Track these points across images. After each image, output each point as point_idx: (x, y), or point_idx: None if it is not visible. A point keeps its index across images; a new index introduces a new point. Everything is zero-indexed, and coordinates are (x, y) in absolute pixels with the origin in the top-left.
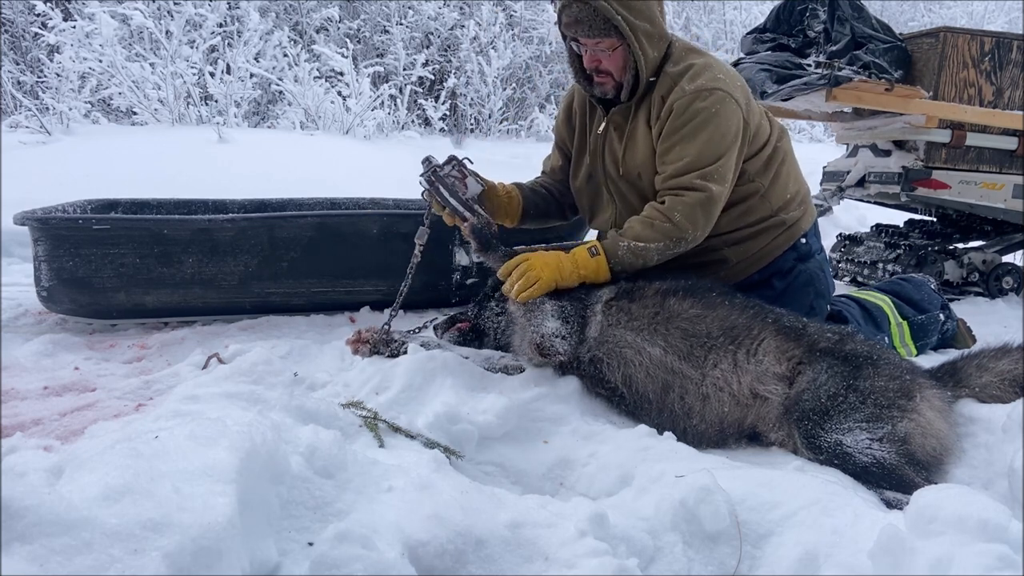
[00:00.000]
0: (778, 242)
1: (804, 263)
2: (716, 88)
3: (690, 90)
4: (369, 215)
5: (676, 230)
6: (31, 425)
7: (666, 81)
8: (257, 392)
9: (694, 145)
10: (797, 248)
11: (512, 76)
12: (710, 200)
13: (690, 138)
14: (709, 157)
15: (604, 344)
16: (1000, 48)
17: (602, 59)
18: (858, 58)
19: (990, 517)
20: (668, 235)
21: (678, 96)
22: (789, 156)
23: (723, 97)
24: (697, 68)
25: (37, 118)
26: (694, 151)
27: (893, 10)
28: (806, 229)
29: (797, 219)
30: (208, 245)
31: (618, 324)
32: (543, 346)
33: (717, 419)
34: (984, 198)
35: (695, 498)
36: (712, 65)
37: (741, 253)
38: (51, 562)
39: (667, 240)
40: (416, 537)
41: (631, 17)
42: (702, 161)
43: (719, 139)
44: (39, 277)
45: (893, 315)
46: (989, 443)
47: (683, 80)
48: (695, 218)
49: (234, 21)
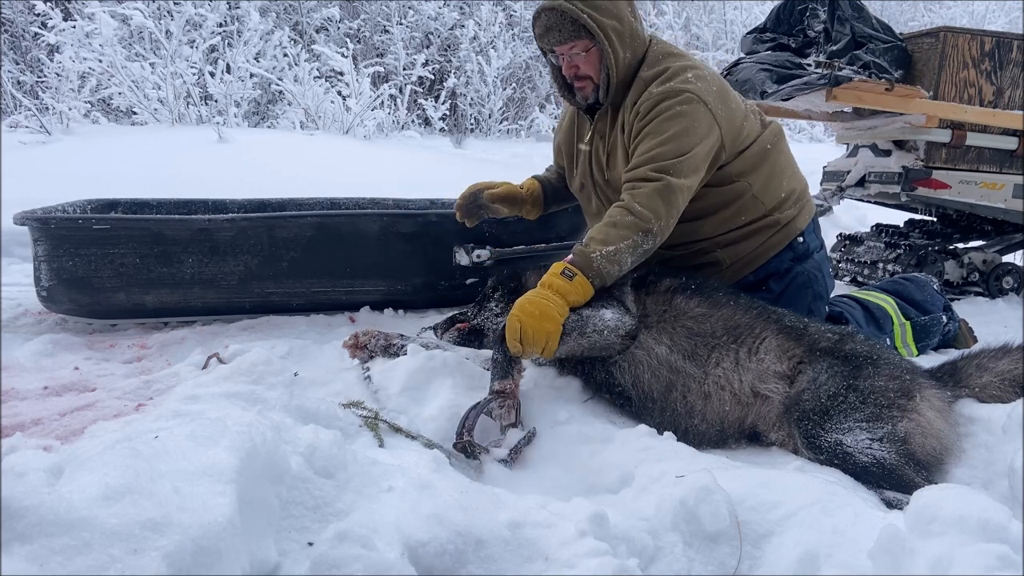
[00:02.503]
0: (773, 242)
1: (801, 263)
2: (684, 90)
3: (657, 92)
4: (369, 215)
5: (639, 221)
6: (31, 425)
7: (639, 86)
8: (257, 392)
9: (655, 141)
10: (794, 248)
11: (512, 76)
12: (668, 188)
13: (652, 136)
14: (669, 153)
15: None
16: (1000, 48)
17: (579, 64)
18: (858, 58)
19: (990, 517)
20: (633, 228)
21: (645, 99)
22: (783, 154)
23: (689, 99)
24: (670, 72)
25: (37, 118)
26: (655, 147)
27: (893, 10)
28: (803, 228)
29: (792, 218)
30: (208, 245)
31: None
32: (620, 331)
33: (718, 418)
34: (984, 198)
35: (695, 498)
36: (687, 68)
37: (735, 254)
38: (51, 562)
39: (633, 235)
40: (416, 537)
41: (597, 15)
42: (661, 156)
43: (681, 137)
44: (39, 277)
45: (896, 316)
46: (989, 443)
47: (653, 84)
48: (655, 206)
49: (234, 21)
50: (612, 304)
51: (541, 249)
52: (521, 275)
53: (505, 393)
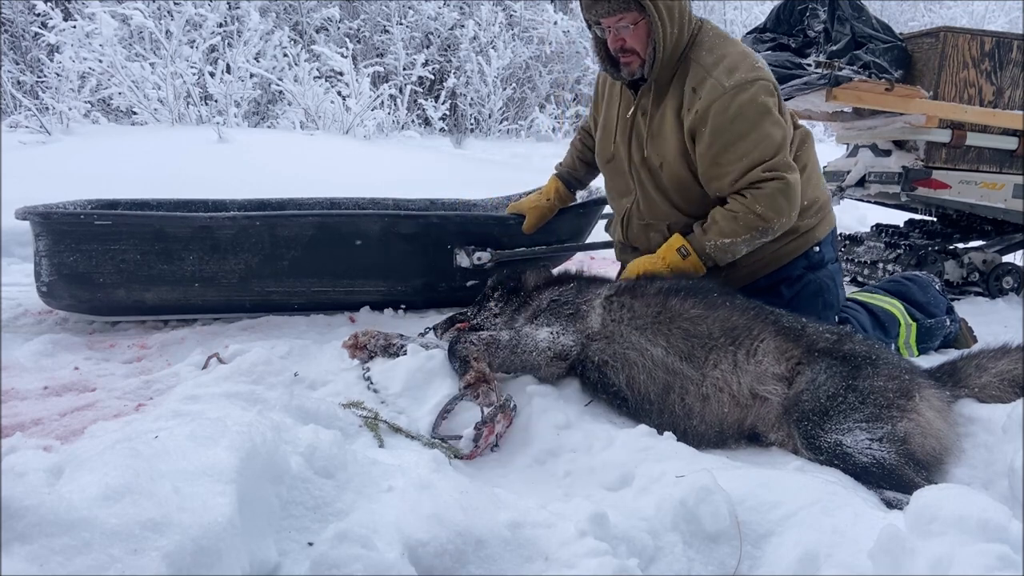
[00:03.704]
0: (789, 248)
1: (815, 272)
2: (757, 78)
3: (730, 86)
4: (370, 215)
5: (760, 221)
6: (31, 425)
7: (698, 71)
8: (257, 392)
9: (750, 142)
10: (809, 256)
11: (512, 76)
12: (788, 186)
13: (745, 137)
14: (770, 149)
15: (610, 346)
16: (1000, 48)
17: (625, 37)
18: (858, 58)
19: (990, 517)
20: (753, 227)
21: (718, 94)
22: (810, 163)
23: (765, 86)
24: (732, 58)
25: (37, 118)
26: (754, 148)
27: (893, 10)
28: (821, 238)
29: (812, 227)
30: (209, 243)
31: (621, 321)
32: (548, 353)
33: (717, 420)
34: (984, 198)
35: (695, 498)
36: (747, 53)
37: (750, 256)
38: (51, 562)
39: (752, 232)
40: (416, 537)
41: None
42: (765, 155)
43: (774, 129)
44: (39, 272)
45: (903, 317)
46: (989, 443)
47: (718, 72)
48: (778, 206)
49: (234, 21)
50: (558, 324)
51: (542, 251)
52: (521, 275)
53: (473, 384)
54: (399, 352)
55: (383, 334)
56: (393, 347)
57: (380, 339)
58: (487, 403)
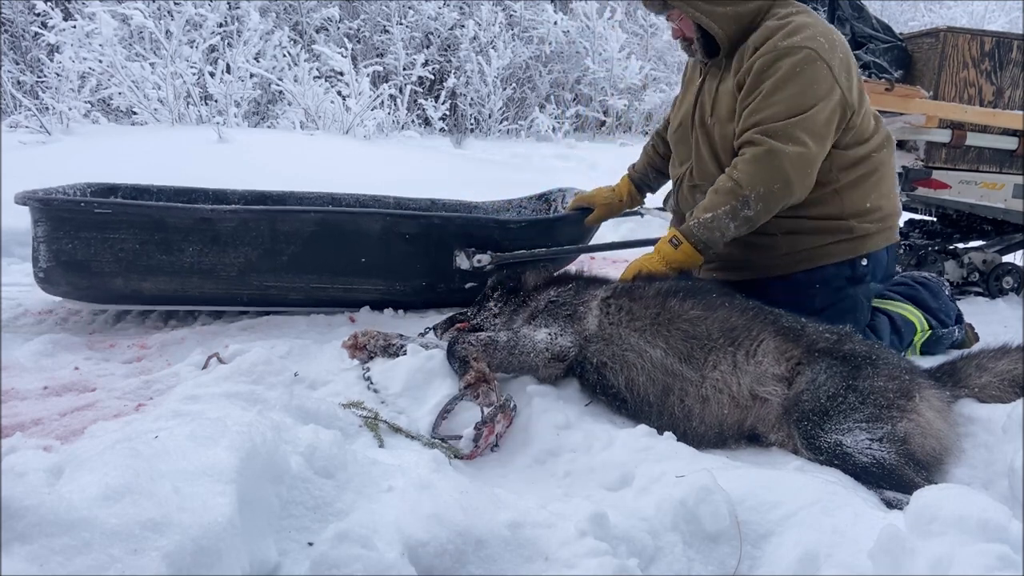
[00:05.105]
0: (836, 249)
1: (854, 287)
2: (805, 47)
3: (783, 46)
4: (372, 214)
5: (736, 187)
6: (31, 425)
7: (763, 33)
8: (257, 392)
9: (766, 102)
10: (854, 265)
11: (512, 76)
12: (769, 154)
13: (763, 96)
14: (779, 115)
15: (608, 347)
16: (1000, 48)
17: (677, 26)
18: (858, 58)
19: (990, 517)
20: (730, 194)
21: (768, 50)
22: (884, 166)
23: (811, 57)
24: (795, 25)
25: (37, 118)
26: (764, 109)
27: (893, 10)
28: (873, 249)
29: (868, 233)
30: (209, 235)
31: (619, 323)
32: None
33: (717, 421)
34: (984, 198)
35: (695, 498)
36: (812, 24)
37: (793, 245)
38: (51, 562)
39: (731, 201)
40: (416, 537)
41: None
42: (769, 119)
43: (797, 98)
44: (37, 258)
45: (920, 323)
46: (989, 443)
47: (777, 35)
48: (752, 174)
49: (234, 21)
50: (556, 325)
51: (542, 254)
52: (520, 276)
53: (473, 384)
54: (399, 352)
55: (383, 334)
56: (393, 347)
57: (380, 339)
58: (487, 403)
